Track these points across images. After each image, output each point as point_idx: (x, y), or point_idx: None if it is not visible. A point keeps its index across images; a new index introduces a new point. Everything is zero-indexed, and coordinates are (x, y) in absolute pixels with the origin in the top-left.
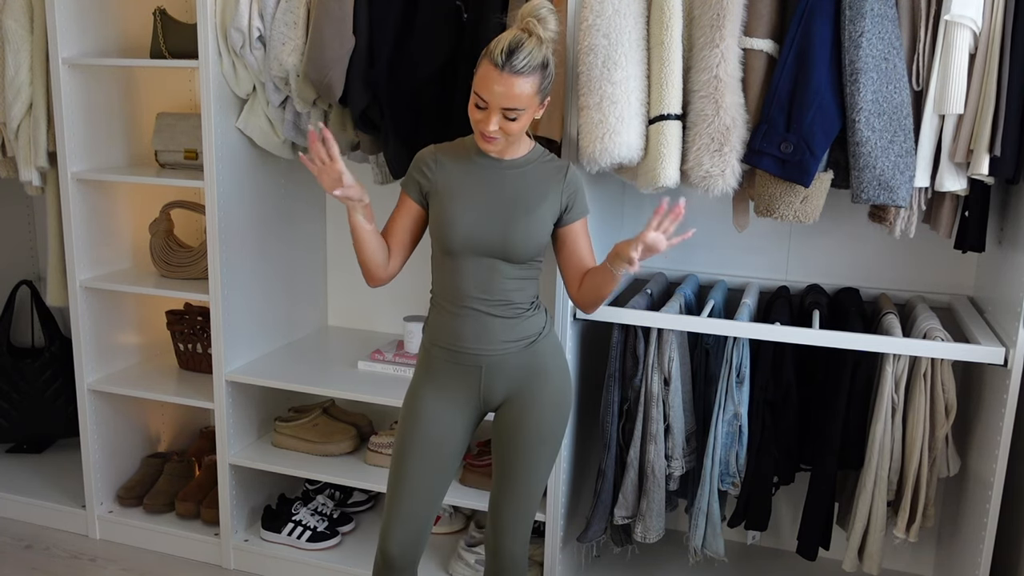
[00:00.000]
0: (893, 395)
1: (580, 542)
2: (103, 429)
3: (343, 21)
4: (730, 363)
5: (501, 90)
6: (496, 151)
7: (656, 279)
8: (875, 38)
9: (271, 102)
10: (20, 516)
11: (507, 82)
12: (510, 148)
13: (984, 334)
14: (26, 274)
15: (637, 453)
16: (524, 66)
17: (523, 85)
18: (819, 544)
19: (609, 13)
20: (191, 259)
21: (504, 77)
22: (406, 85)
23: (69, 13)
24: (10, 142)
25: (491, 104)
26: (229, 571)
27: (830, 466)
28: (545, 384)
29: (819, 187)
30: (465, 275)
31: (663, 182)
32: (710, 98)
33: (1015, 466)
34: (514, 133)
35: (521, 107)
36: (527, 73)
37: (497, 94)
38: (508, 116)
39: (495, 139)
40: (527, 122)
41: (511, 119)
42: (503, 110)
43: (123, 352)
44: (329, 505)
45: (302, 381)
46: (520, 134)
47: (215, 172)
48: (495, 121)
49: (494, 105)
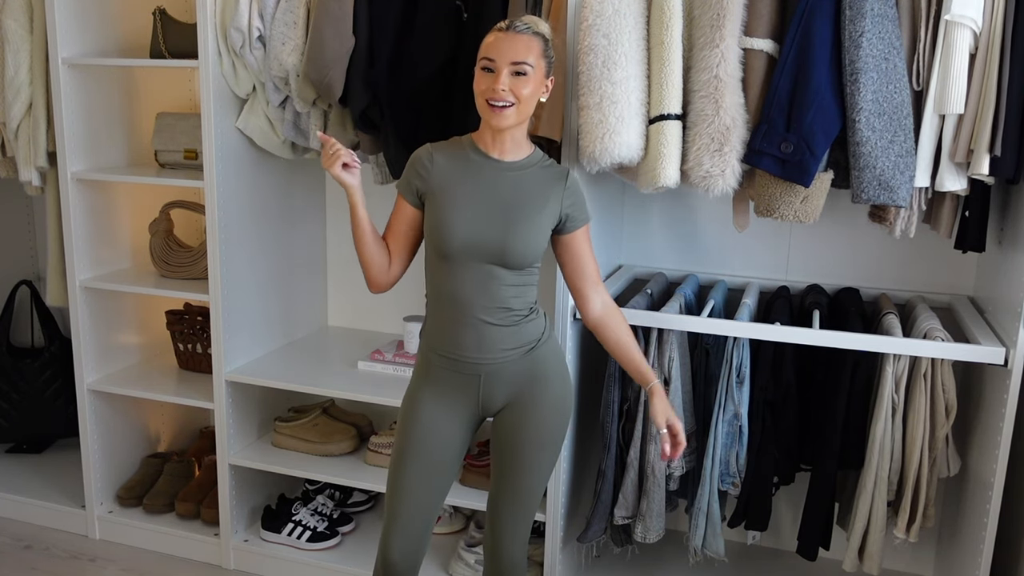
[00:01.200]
0: (893, 395)
1: (580, 542)
2: (103, 429)
3: (343, 21)
4: (730, 363)
5: (507, 46)
6: (506, 124)
7: (656, 279)
8: (875, 38)
9: (271, 102)
10: (20, 516)
11: (513, 39)
12: (511, 146)
13: (984, 334)
14: (26, 274)
15: (637, 453)
16: (527, 28)
17: (528, 43)
18: (819, 544)
19: (609, 13)
20: (191, 259)
21: (510, 35)
22: (406, 85)
23: (69, 13)
24: (10, 142)
25: (499, 61)
26: (229, 571)
27: (830, 466)
28: (545, 389)
29: (819, 187)
30: (462, 281)
31: (663, 182)
32: (710, 98)
33: (1015, 466)
34: (523, 100)
35: (529, 62)
36: (530, 34)
37: (504, 51)
38: (517, 71)
39: (506, 105)
40: (534, 92)
41: (520, 74)
42: (511, 65)
43: (123, 352)
44: (329, 505)
45: (302, 381)
46: (526, 114)
47: (215, 172)
48: (505, 79)
49: (502, 63)
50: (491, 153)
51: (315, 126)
